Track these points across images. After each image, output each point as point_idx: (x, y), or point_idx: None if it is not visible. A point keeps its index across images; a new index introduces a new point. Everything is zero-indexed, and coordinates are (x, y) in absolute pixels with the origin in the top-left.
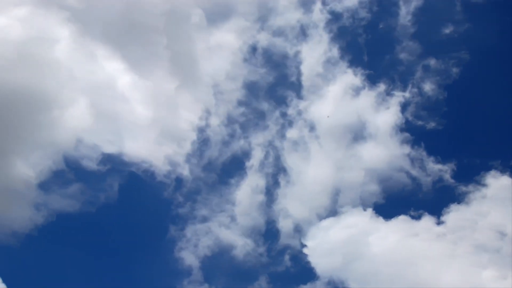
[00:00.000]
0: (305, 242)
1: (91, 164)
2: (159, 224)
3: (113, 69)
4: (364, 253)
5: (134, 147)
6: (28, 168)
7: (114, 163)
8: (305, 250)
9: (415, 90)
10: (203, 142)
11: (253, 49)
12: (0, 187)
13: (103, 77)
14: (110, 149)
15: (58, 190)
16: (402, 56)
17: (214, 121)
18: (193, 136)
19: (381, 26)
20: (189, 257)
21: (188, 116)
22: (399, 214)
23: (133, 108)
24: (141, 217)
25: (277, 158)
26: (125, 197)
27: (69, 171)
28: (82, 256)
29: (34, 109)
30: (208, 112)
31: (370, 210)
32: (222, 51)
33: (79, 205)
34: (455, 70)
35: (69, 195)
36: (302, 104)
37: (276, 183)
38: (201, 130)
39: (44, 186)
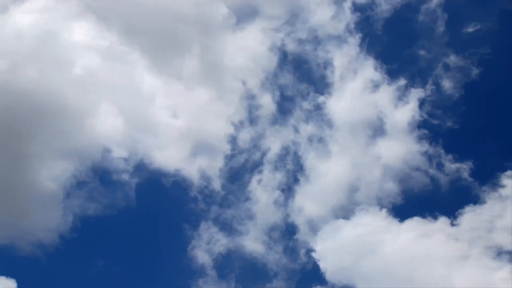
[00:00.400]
0: (316, 245)
1: (119, 174)
2: (185, 234)
3: (144, 78)
4: (378, 253)
5: (164, 157)
6: (54, 176)
7: (142, 173)
8: (314, 255)
9: (434, 87)
10: (234, 151)
11: (282, 52)
12: (25, 195)
13: (134, 85)
14: (139, 158)
15: (84, 199)
16: (423, 52)
17: (246, 130)
18: (225, 147)
19: (402, 20)
20: (203, 256)
21: (219, 126)
22: (415, 215)
23: (162, 116)
24: (167, 227)
25: (295, 154)
26: (152, 206)
27: (96, 181)
28: (108, 267)
29: (60, 115)
30: (239, 121)
31: (386, 210)
32: (251, 55)
33: (105, 215)
34: (475, 68)
35: (95, 205)
36: (320, 99)
37: (293, 181)
38: (232, 140)
39: (71, 195)
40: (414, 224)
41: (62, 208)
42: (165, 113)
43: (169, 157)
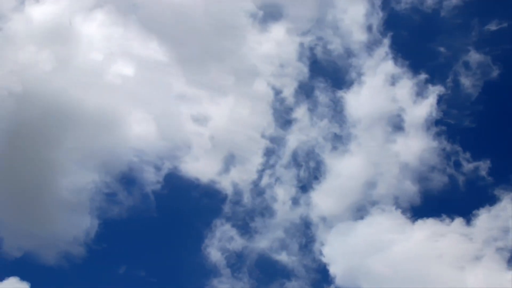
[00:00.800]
0: (326, 245)
1: (148, 184)
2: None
3: (177, 87)
4: (390, 254)
5: (195, 168)
6: (81, 185)
7: (172, 183)
8: (322, 258)
9: (453, 84)
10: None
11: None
12: (51, 203)
13: (165, 94)
14: (169, 168)
15: (110, 208)
16: (443, 48)
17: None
18: (258, 159)
19: (424, 15)
20: (216, 255)
21: (251, 136)
22: (430, 215)
23: (193, 126)
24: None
25: (311, 151)
26: (180, 215)
27: (124, 190)
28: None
29: (90, 123)
30: (269, 129)
31: (401, 210)
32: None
33: (134, 224)
34: (496, 67)
35: (121, 213)
36: (339, 94)
37: (310, 178)
38: (268, 154)
39: (98, 203)
40: (429, 224)
41: (89, 216)
42: (196, 123)
43: (200, 167)
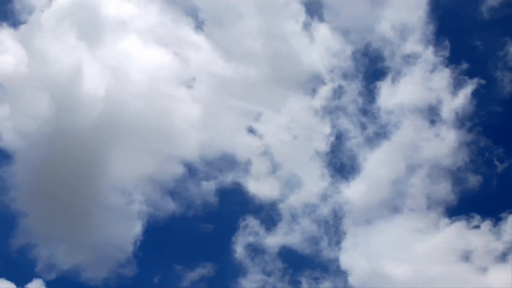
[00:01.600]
0: (345, 248)
1: (202, 198)
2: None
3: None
4: (414, 254)
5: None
6: (132, 199)
7: (228, 199)
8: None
9: (490, 79)
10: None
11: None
12: (100, 214)
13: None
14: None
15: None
16: (481, 42)
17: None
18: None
19: (465, 8)
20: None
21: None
22: (459, 214)
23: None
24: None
25: (345, 144)
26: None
27: (175, 205)
28: None
29: (144, 134)
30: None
31: (431, 209)
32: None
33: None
34: None
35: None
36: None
37: (342, 173)
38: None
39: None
40: (457, 224)
41: (138, 223)
42: (253, 142)
43: (258, 185)
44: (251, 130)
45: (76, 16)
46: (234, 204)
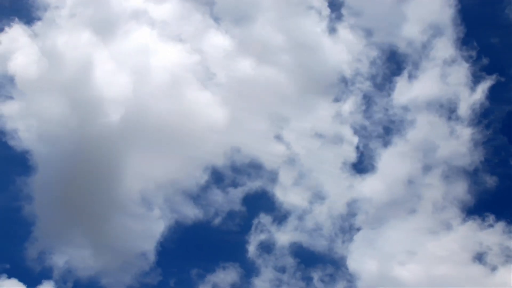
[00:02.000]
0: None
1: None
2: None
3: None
4: (425, 255)
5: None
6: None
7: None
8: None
9: (508, 76)
10: None
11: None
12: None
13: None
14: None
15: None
16: (498, 40)
17: None
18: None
19: (484, 7)
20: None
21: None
22: (473, 214)
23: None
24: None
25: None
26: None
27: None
28: None
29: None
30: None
31: (447, 210)
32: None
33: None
34: None
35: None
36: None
37: (357, 170)
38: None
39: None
40: (470, 223)
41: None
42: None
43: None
44: (278, 137)
45: (92, 12)
46: (260, 211)
